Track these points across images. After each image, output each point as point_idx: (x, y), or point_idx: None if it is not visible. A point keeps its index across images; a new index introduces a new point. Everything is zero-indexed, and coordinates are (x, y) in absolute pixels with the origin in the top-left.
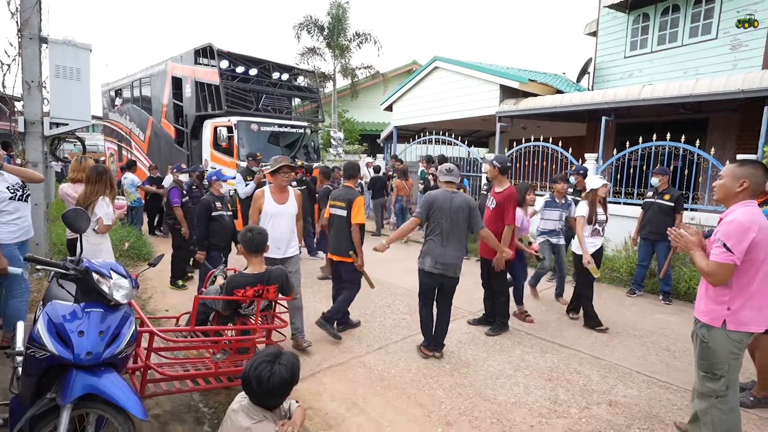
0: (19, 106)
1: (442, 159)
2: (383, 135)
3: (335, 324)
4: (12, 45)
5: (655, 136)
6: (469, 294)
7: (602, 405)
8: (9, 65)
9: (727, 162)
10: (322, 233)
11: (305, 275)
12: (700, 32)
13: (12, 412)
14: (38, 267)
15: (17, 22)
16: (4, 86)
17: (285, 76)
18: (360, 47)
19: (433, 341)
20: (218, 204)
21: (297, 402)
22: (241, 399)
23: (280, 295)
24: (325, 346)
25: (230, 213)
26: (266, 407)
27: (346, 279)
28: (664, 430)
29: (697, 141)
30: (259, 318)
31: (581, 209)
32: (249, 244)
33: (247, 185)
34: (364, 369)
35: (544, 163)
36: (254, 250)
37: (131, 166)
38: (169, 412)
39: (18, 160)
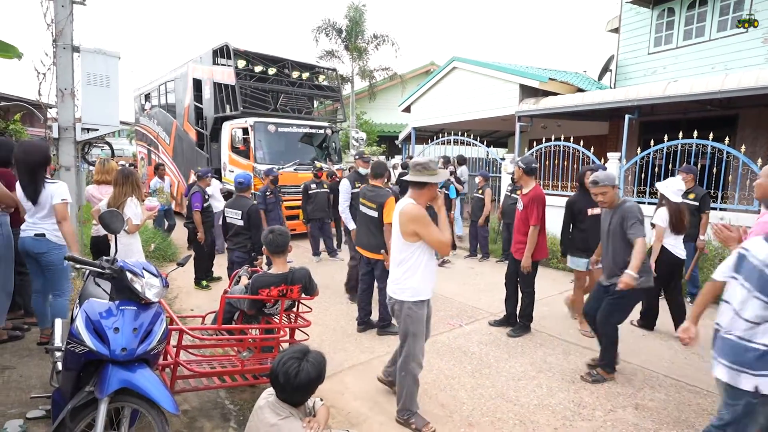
0: (52, 112)
1: (461, 159)
2: (402, 136)
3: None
4: (47, 55)
5: (681, 134)
6: (490, 295)
7: (628, 408)
8: (44, 74)
9: (760, 159)
10: None
11: (325, 276)
12: (729, 26)
13: (54, 403)
14: (77, 266)
15: (52, 33)
16: (39, 94)
17: (305, 75)
18: (378, 49)
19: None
20: None
21: (321, 400)
22: (267, 395)
23: (303, 295)
24: (347, 346)
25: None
26: (292, 404)
27: (381, 277)
28: None
29: (727, 138)
30: (283, 317)
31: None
32: (272, 245)
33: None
34: None
35: (566, 162)
36: (277, 250)
37: (156, 168)
38: (197, 408)
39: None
